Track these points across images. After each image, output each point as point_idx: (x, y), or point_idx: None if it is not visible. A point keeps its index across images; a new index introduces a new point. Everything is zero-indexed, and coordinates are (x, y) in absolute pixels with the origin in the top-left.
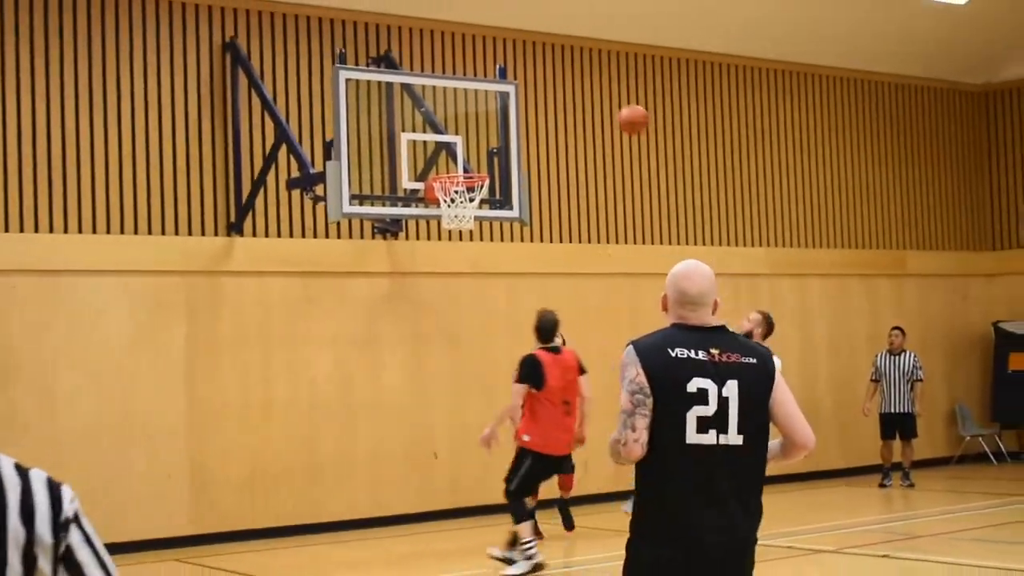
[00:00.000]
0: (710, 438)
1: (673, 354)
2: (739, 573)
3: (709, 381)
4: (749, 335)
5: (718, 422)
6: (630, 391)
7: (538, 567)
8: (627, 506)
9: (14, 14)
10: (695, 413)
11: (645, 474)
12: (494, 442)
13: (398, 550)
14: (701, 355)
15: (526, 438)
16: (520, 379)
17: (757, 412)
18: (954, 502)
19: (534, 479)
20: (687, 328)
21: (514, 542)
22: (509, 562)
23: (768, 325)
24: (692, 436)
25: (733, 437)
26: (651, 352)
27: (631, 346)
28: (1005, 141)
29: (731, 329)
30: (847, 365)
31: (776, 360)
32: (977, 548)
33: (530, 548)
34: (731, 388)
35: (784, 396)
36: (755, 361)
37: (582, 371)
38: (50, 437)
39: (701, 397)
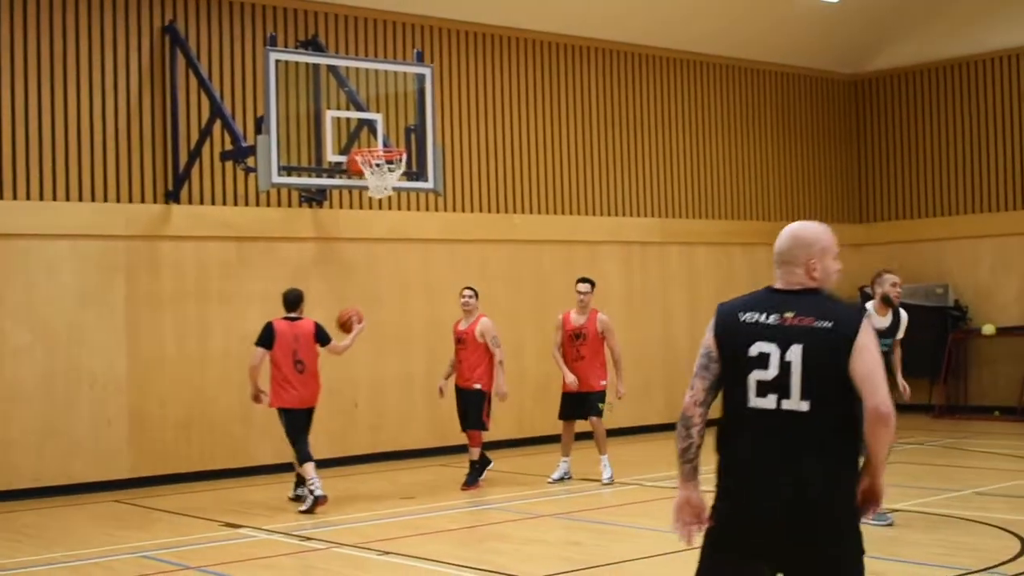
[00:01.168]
0: (769, 403)
1: (742, 318)
2: (808, 538)
3: (773, 345)
4: (890, 298)
5: (779, 387)
6: (699, 354)
7: (319, 500)
8: (555, 475)
9: None
10: (755, 377)
11: (717, 435)
12: (263, 396)
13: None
14: (772, 319)
15: (270, 399)
16: (256, 342)
17: (826, 377)
18: None
19: (294, 429)
20: (772, 291)
21: (301, 481)
22: (302, 499)
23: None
24: (752, 400)
25: (796, 403)
26: (725, 316)
27: (717, 310)
28: (871, 125)
29: (825, 292)
30: None
31: (868, 322)
32: None
33: (312, 484)
34: (794, 352)
35: (858, 359)
36: (829, 325)
37: (321, 340)
38: (1, 387)
39: (761, 361)
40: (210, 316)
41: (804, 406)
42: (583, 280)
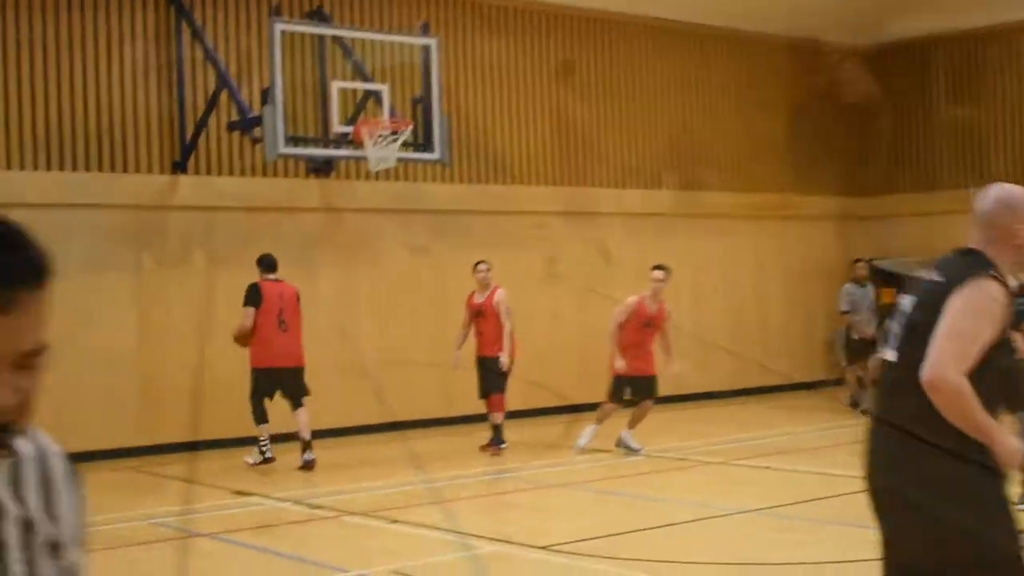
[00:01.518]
0: (886, 352)
1: (920, 276)
2: (888, 516)
3: (908, 298)
4: None
5: (892, 337)
6: None
7: (268, 460)
8: (582, 441)
9: None
10: (893, 329)
11: None
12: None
13: (328, 459)
14: (927, 275)
15: (251, 358)
16: (245, 303)
17: (915, 331)
18: (829, 420)
19: (262, 389)
20: (954, 250)
21: (307, 446)
22: (309, 465)
23: None
24: (882, 350)
25: (891, 353)
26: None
27: None
28: (883, 97)
29: (980, 253)
30: (736, 296)
31: (980, 282)
32: (850, 459)
33: (264, 445)
34: (906, 304)
35: (943, 318)
36: (941, 280)
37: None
38: None
39: (897, 314)
40: (218, 286)
41: (894, 356)
42: (659, 267)
